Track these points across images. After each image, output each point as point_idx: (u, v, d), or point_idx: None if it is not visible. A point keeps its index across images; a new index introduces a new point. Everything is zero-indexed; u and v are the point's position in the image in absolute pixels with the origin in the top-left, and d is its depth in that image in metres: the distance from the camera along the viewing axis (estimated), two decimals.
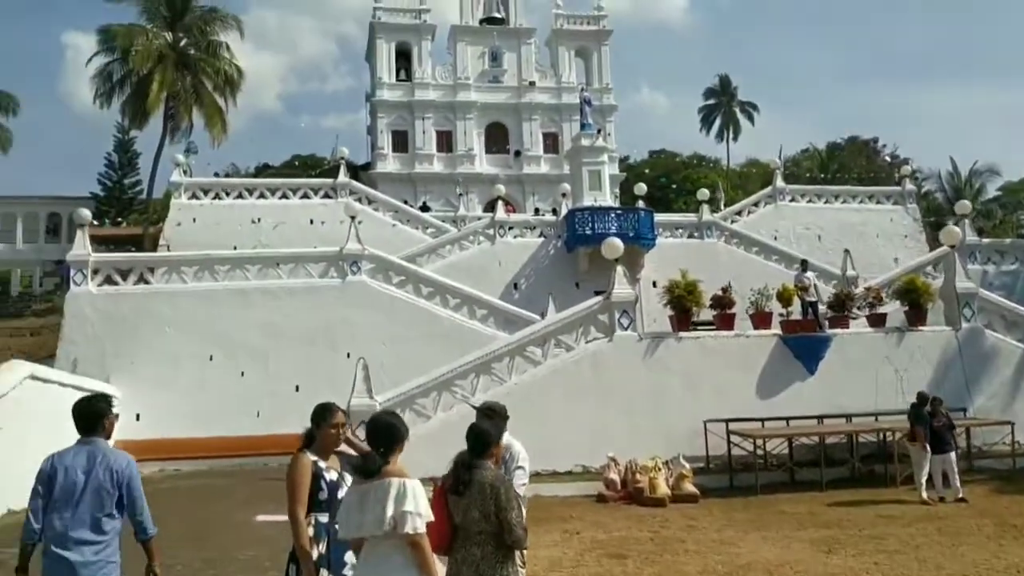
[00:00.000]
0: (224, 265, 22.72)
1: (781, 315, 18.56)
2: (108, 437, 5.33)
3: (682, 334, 17.71)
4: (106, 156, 55.34)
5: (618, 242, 18.23)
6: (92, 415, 5.22)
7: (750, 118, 67.86)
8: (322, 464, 5.11)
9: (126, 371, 21.02)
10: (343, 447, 5.18)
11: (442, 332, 22.56)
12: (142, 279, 22.45)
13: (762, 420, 16.78)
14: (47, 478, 5.04)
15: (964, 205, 30.54)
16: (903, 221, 37.16)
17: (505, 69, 50.93)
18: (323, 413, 5.23)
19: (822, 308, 18.97)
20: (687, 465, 15.32)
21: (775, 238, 33.50)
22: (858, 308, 18.33)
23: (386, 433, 4.49)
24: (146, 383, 20.95)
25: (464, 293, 23.63)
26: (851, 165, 57.44)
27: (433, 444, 16.59)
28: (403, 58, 50.56)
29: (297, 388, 21.56)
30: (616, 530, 11.75)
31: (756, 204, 36.30)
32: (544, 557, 9.93)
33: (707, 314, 18.81)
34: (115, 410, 5.54)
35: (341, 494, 4.90)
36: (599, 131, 31.83)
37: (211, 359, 21.60)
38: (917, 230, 37.24)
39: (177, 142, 40.30)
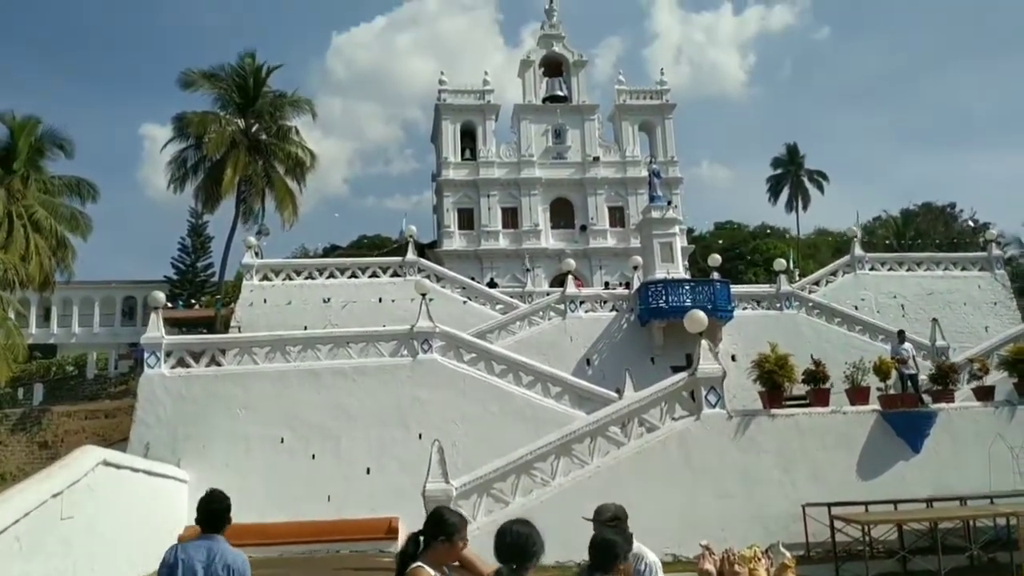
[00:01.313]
0: (295, 346, 22.45)
1: (879, 389, 17.43)
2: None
3: (774, 411, 16.70)
4: (180, 240, 56.88)
5: (702, 315, 17.48)
6: (219, 512, 5.53)
7: (819, 187, 66.62)
8: None
9: (197, 454, 20.68)
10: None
11: (515, 410, 21.82)
12: (214, 361, 22.28)
13: (865, 504, 15.56)
14: (168, 568, 5.34)
15: None
16: (991, 287, 35.55)
17: (569, 145, 51.03)
18: (454, 522, 4.46)
19: (922, 380, 17.77)
20: (788, 554, 14.15)
21: (856, 308, 32.21)
22: (964, 381, 17.07)
23: (519, 547, 3.74)
24: (216, 466, 20.56)
25: (537, 370, 22.91)
26: (929, 231, 55.82)
27: None
28: (468, 138, 51.12)
29: (368, 471, 21.02)
30: None
31: (834, 274, 35.18)
32: None
33: (796, 389, 17.83)
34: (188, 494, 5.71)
35: None
36: (669, 202, 31.24)
37: (282, 441, 21.15)
38: (1007, 296, 35.56)
39: (248, 225, 41.09)
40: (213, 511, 5.54)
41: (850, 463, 16.44)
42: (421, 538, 4.43)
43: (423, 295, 23.19)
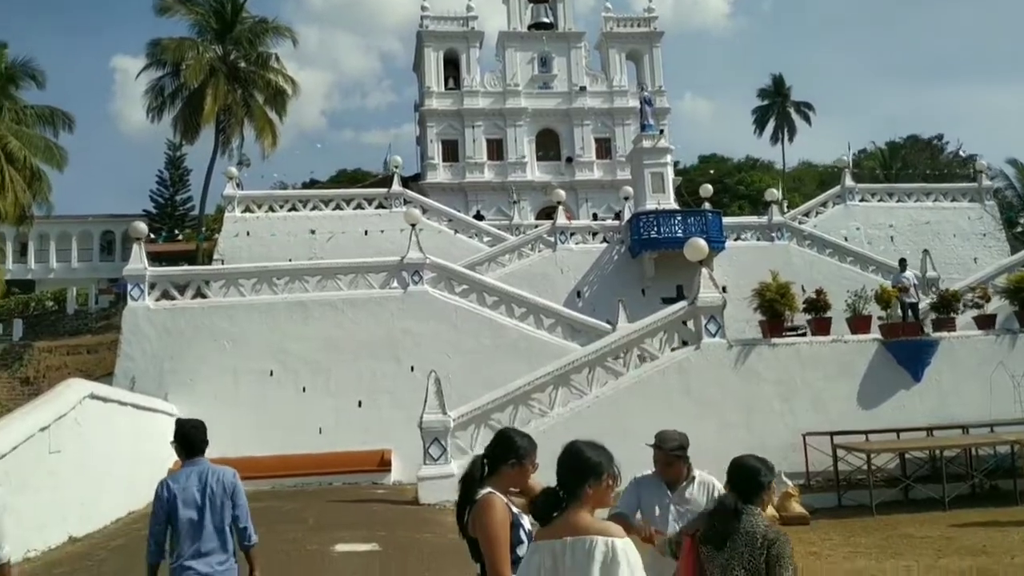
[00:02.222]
0: (282, 277, 21.93)
1: (880, 319, 17.21)
2: None
3: (775, 340, 16.44)
4: (157, 173, 55.57)
5: (702, 242, 17.09)
6: (196, 437, 5.58)
7: (806, 118, 65.75)
8: (514, 507, 3.94)
9: (184, 388, 20.28)
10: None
11: (509, 342, 21.52)
12: (199, 293, 21.75)
13: (866, 432, 15.45)
14: (165, 503, 5.33)
15: None
16: (980, 219, 35.33)
17: (555, 74, 49.88)
18: (523, 445, 4.15)
19: (923, 308, 17.55)
20: (790, 483, 14.05)
21: (845, 239, 31.93)
22: (965, 308, 16.88)
23: (576, 464, 3.32)
24: (204, 400, 20.15)
25: (530, 302, 22.56)
26: (915, 163, 55.43)
27: None
28: (451, 66, 49.79)
29: (359, 404, 20.74)
30: None
31: (824, 205, 34.78)
32: None
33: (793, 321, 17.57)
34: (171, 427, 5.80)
35: (521, 551, 3.73)
36: (661, 132, 30.57)
37: (271, 374, 20.77)
38: (996, 228, 35.40)
39: (227, 156, 40.00)
40: (188, 436, 5.57)
41: (851, 392, 16.28)
42: (486, 462, 4.02)
43: (413, 225, 22.64)
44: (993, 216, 35.63)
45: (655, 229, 28.10)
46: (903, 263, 18.77)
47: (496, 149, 48.90)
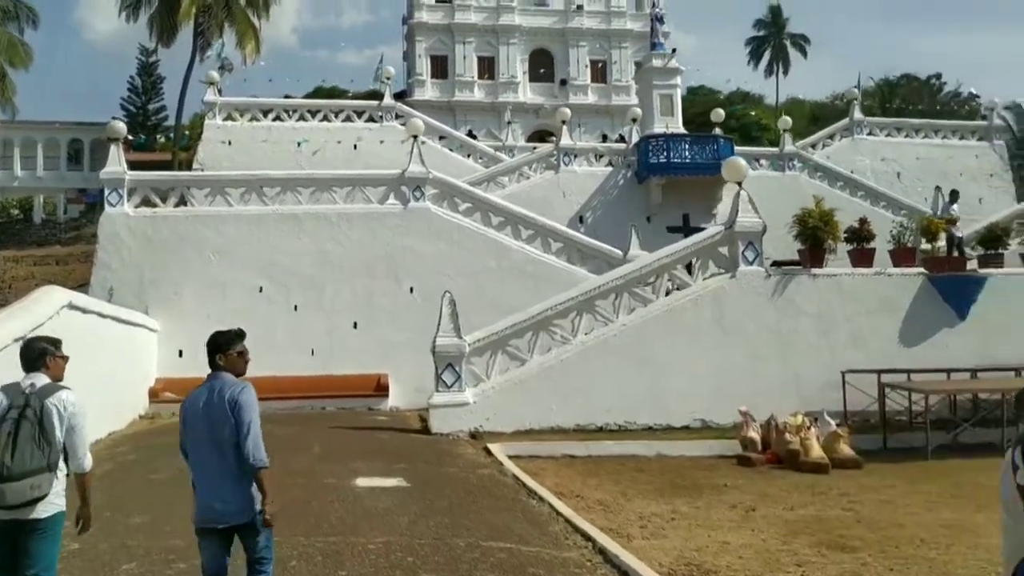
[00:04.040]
0: (274, 187, 20.29)
1: (923, 251, 16.12)
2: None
3: (815, 271, 15.29)
4: (129, 80, 52.70)
5: (742, 162, 15.89)
6: (215, 346, 5.09)
7: (802, 51, 64.31)
8: None
9: (167, 301, 18.80)
10: None
11: (514, 265, 20.23)
12: (182, 201, 20.11)
13: (907, 372, 14.46)
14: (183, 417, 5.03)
15: None
16: (987, 158, 34.39)
17: None
18: None
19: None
20: (833, 423, 13.06)
21: (851, 173, 30.81)
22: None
23: None
24: (188, 315, 18.72)
25: (538, 223, 21.19)
26: (915, 102, 54.18)
27: (528, 392, 14.56)
28: None
29: (355, 325, 19.46)
30: (796, 505, 9.50)
31: (831, 137, 33.59)
32: (741, 545, 7.69)
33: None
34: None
35: None
36: (674, 50, 28.87)
37: (260, 290, 19.31)
38: (1003, 168, 34.54)
39: (205, 62, 37.58)
40: (209, 344, 5.11)
41: (892, 329, 15.25)
42: None
43: (415, 137, 21.02)
44: (1001, 156, 34.74)
45: (664, 154, 26.73)
46: (954, 193, 17.58)
47: (488, 67, 46.90)
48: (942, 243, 15.95)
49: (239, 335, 5.14)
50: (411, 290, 19.74)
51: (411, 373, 18.09)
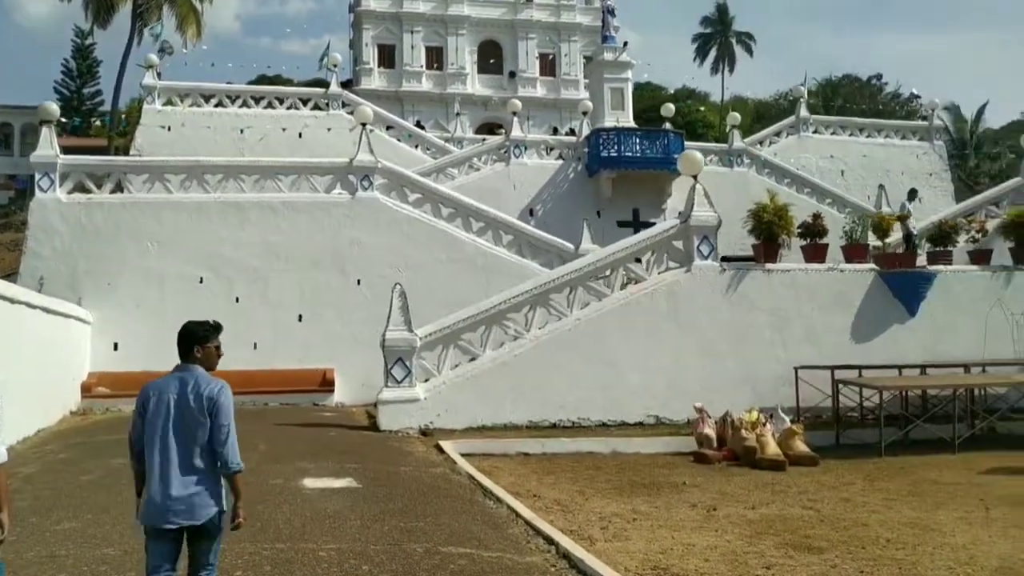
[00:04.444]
0: (216, 175, 19.56)
1: (875, 248, 16.18)
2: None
3: (770, 266, 15.22)
4: (63, 63, 50.60)
5: (698, 155, 15.75)
6: (189, 337, 4.82)
7: (748, 49, 64.92)
8: None
9: (102, 292, 18.00)
10: None
11: (466, 258, 19.87)
12: (119, 187, 19.26)
13: (859, 368, 14.47)
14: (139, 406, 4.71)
15: None
16: (928, 158, 35.05)
17: None
18: None
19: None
20: (787, 419, 12.99)
21: (798, 170, 31.08)
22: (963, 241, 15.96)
23: None
24: (125, 307, 18.04)
25: (489, 216, 20.83)
26: (856, 102, 55.09)
27: (481, 388, 14.19)
28: None
29: (300, 318, 18.94)
30: (757, 504, 9.33)
31: (778, 134, 33.87)
32: (706, 547, 7.45)
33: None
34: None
35: None
36: (625, 44, 28.76)
37: (201, 281, 18.64)
38: (943, 168, 35.17)
39: (144, 45, 36.26)
40: (185, 334, 4.84)
41: (844, 324, 15.28)
42: None
43: (363, 125, 20.49)
44: (940, 156, 35.41)
45: (615, 147, 26.59)
46: (913, 192, 17.60)
47: (436, 57, 46.35)
48: (894, 238, 16.03)
49: (216, 328, 4.89)
50: (358, 282, 19.27)
51: (358, 368, 17.65)
